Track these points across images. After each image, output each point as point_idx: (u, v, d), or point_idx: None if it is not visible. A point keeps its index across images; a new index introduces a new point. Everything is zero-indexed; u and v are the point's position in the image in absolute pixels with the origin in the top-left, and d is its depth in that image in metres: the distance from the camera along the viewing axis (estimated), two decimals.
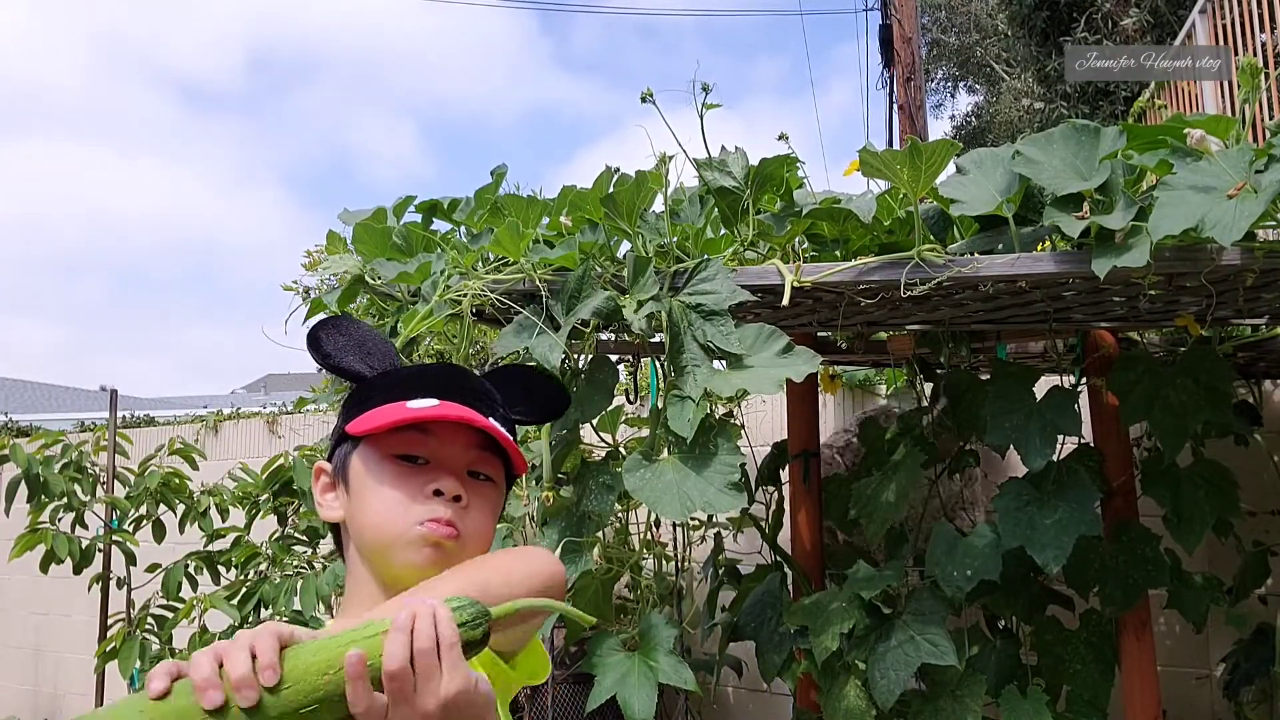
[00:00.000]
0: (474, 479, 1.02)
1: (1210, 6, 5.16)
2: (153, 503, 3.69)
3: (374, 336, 1.10)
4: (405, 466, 0.99)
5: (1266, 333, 2.20)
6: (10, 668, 5.85)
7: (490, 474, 1.04)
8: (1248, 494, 2.18)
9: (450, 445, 1.01)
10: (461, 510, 0.99)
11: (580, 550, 1.90)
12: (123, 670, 3.42)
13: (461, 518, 0.99)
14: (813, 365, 1.70)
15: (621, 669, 1.96)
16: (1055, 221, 1.61)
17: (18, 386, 20.15)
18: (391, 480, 0.99)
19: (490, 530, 1.04)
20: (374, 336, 1.10)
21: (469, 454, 1.02)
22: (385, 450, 1.00)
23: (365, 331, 1.10)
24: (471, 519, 1.00)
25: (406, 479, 0.99)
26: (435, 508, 0.98)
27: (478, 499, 1.01)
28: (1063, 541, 1.86)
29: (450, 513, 0.98)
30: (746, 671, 3.11)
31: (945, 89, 16.39)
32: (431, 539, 0.97)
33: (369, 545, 1.00)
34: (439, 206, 2.18)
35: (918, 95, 8.47)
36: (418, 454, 1.00)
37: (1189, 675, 2.82)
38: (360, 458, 1.01)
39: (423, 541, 0.97)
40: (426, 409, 0.98)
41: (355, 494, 1.01)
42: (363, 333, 1.10)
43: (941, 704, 1.99)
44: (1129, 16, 8.69)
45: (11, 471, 3.59)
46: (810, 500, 2.46)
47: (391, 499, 0.98)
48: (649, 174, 1.88)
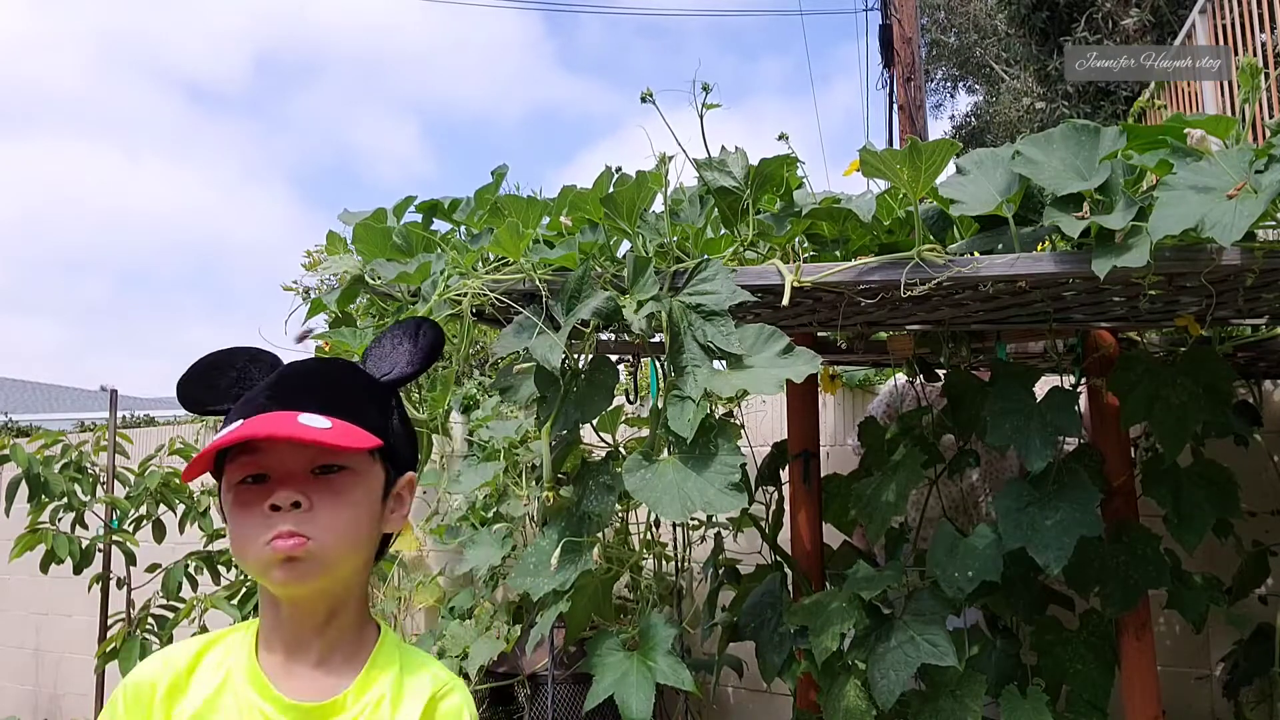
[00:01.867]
0: (325, 474, 1.01)
1: (1210, 6, 5.16)
2: (153, 503, 3.69)
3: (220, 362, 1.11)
4: (249, 489, 1.00)
5: (1266, 333, 2.20)
6: (10, 668, 5.85)
7: (343, 462, 1.02)
8: (1248, 494, 2.18)
9: (283, 453, 1.00)
10: (306, 514, 0.99)
11: (580, 550, 1.90)
12: (123, 670, 3.42)
13: (308, 521, 0.99)
14: (813, 365, 1.70)
15: (620, 669, 1.96)
16: (1055, 221, 1.61)
17: (18, 386, 20.14)
18: (239, 508, 1.00)
19: (354, 516, 1.02)
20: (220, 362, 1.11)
21: (307, 453, 1.00)
22: (230, 480, 1.01)
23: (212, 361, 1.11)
24: (322, 517, 1.00)
25: (250, 503, 1.00)
26: (275, 523, 0.98)
27: (327, 494, 1.00)
28: (1064, 542, 1.86)
29: (290, 523, 0.98)
30: (746, 671, 3.11)
31: (945, 89, 16.41)
32: (279, 556, 0.98)
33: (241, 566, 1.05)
34: (439, 206, 2.18)
35: (918, 95, 8.48)
36: (257, 473, 1.00)
37: (1189, 675, 2.82)
38: (222, 492, 1.03)
39: (273, 561, 0.98)
40: (224, 436, 0.98)
41: (232, 512, 1.02)
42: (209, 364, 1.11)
43: (941, 704, 1.99)
44: (1129, 16, 8.69)
45: (12, 471, 3.59)
46: (810, 500, 2.46)
47: (242, 527, 1.00)
48: (649, 174, 1.88)
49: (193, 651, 1.06)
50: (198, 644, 1.07)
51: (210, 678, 1.03)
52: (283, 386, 1.05)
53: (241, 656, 1.04)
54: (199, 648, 1.07)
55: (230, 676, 1.03)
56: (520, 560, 1.99)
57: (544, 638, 2.07)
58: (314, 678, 1.03)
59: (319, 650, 1.04)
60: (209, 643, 1.07)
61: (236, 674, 1.03)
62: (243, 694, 1.02)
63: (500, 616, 3.39)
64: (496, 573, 3.36)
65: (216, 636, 1.09)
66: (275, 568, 0.98)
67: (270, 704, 1.01)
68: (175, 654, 1.06)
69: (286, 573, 0.98)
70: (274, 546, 0.97)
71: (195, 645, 1.07)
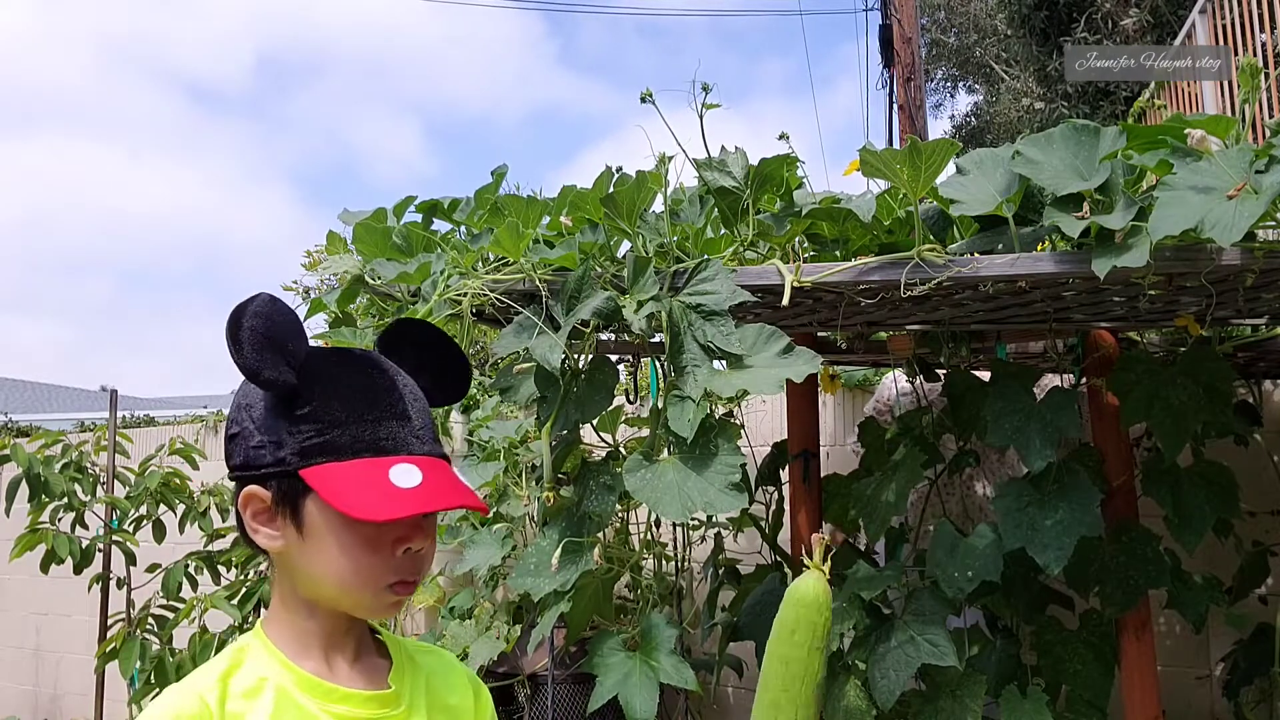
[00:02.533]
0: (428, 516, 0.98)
1: (1210, 6, 5.16)
2: (153, 503, 3.69)
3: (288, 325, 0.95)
4: (374, 527, 0.94)
5: (1266, 333, 2.20)
6: (10, 668, 5.85)
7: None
8: (1248, 494, 2.18)
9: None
10: (423, 556, 0.98)
11: (581, 550, 1.90)
12: (123, 670, 3.42)
13: (421, 561, 0.98)
14: (813, 365, 1.70)
15: (623, 669, 1.96)
16: (1055, 221, 1.61)
17: (18, 386, 20.14)
18: (362, 543, 0.94)
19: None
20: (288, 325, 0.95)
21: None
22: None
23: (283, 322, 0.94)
24: (428, 557, 0.99)
25: (376, 541, 0.94)
26: (404, 568, 0.96)
27: (432, 535, 0.99)
28: (1064, 542, 1.86)
29: (413, 569, 0.97)
30: (746, 671, 3.11)
31: (945, 89, 16.39)
32: (396, 599, 0.97)
33: (322, 588, 0.96)
34: (439, 206, 2.18)
35: (918, 95, 8.48)
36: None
37: (1189, 675, 2.82)
38: (318, 506, 0.93)
39: (388, 601, 0.97)
40: (420, 501, 0.91)
41: (312, 540, 0.94)
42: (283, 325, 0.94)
43: (941, 704, 1.99)
44: (1129, 16, 8.69)
45: (12, 471, 3.59)
46: (810, 500, 2.46)
47: (361, 561, 0.94)
48: (649, 174, 1.88)
49: (215, 679, 0.95)
50: (216, 674, 0.96)
51: (261, 702, 0.95)
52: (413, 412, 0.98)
53: (277, 670, 0.97)
54: (221, 676, 0.95)
55: (283, 692, 0.96)
56: (520, 560, 1.99)
57: (545, 638, 2.07)
58: (359, 670, 1.02)
59: (353, 647, 1.02)
60: (228, 670, 0.96)
61: (288, 688, 0.96)
62: (305, 704, 0.96)
63: (500, 617, 3.39)
64: (496, 573, 3.35)
65: (230, 664, 0.97)
66: (387, 607, 0.98)
67: (342, 704, 0.97)
68: (203, 687, 0.94)
69: (395, 610, 0.98)
70: (396, 591, 0.96)
71: (214, 676, 0.96)
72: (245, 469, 0.96)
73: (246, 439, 0.95)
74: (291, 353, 0.94)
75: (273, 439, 0.93)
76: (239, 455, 0.96)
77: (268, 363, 0.91)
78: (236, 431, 0.96)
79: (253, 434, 0.95)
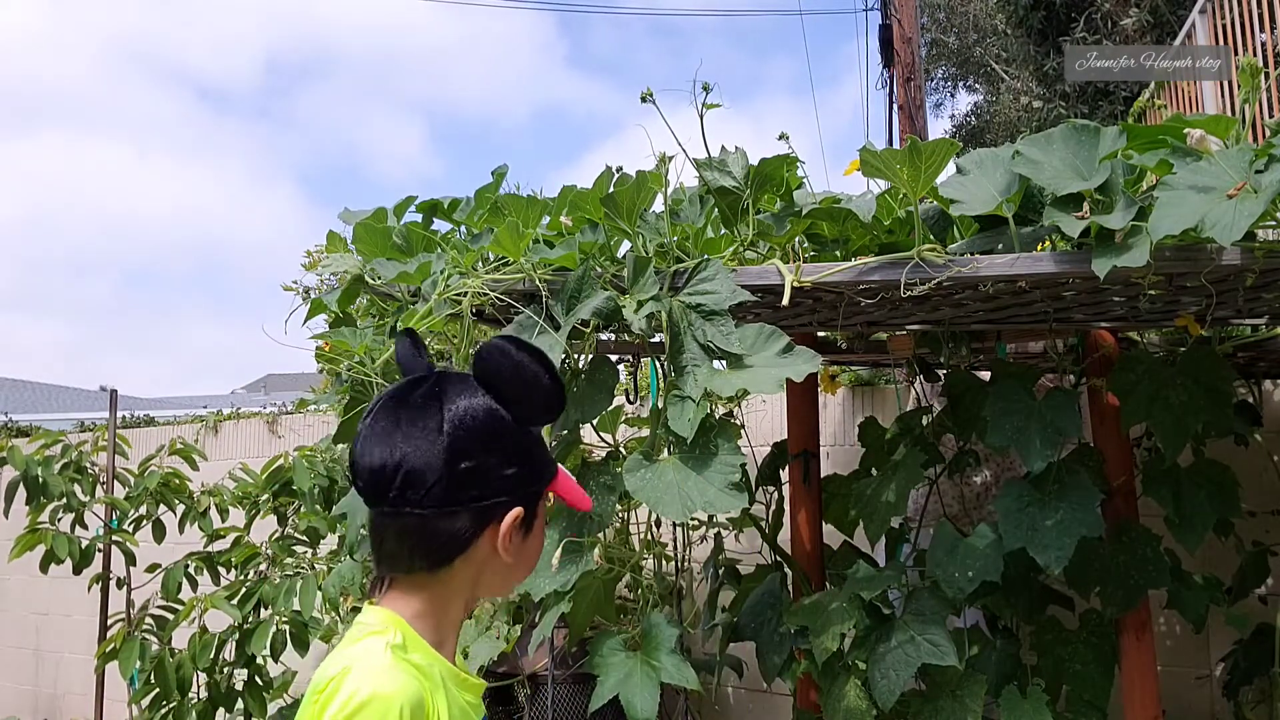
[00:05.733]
0: None
1: (1210, 6, 5.16)
2: (152, 503, 3.69)
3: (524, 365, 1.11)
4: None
5: (1266, 333, 2.20)
6: (10, 668, 5.85)
7: None
8: (1248, 494, 2.18)
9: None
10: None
11: (581, 551, 1.90)
12: (123, 670, 3.42)
13: None
14: (813, 365, 1.70)
15: (624, 669, 1.96)
16: (1055, 221, 1.61)
17: (18, 386, 20.13)
18: (541, 529, 1.16)
19: None
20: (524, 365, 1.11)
21: None
22: (542, 503, 1.16)
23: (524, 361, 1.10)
24: None
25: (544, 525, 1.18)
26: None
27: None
28: (1064, 543, 1.86)
29: None
30: (747, 671, 3.11)
31: (945, 89, 16.38)
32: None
33: (515, 578, 1.14)
34: (439, 206, 2.18)
35: (918, 95, 8.48)
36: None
37: (1189, 675, 2.82)
38: (539, 509, 1.14)
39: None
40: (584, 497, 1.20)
41: (532, 539, 1.13)
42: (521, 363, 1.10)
43: (941, 704, 1.99)
44: (1129, 16, 8.68)
45: (12, 472, 3.59)
46: (810, 500, 2.46)
47: (540, 543, 1.16)
48: (649, 174, 1.88)
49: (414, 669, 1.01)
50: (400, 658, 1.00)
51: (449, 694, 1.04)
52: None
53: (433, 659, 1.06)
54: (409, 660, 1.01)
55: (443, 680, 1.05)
56: None
57: (545, 638, 2.07)
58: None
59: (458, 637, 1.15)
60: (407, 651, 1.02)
61: (445, 677, 1.06)
62: (453, 692, 1.06)
63: (500, 616, 3.39)
64: None
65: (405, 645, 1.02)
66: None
67: (471, 693, 1.10)
68: (403, 665, 1.00)
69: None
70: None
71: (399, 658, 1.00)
72: (501, 494, 1.07)
73: (496, 468, 1.07)
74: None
75: (526, 464, 1.10)
76: (486, 485, 1.06)
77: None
78: (474, 465, 1.05)
79: (504, 463, 1.08)
